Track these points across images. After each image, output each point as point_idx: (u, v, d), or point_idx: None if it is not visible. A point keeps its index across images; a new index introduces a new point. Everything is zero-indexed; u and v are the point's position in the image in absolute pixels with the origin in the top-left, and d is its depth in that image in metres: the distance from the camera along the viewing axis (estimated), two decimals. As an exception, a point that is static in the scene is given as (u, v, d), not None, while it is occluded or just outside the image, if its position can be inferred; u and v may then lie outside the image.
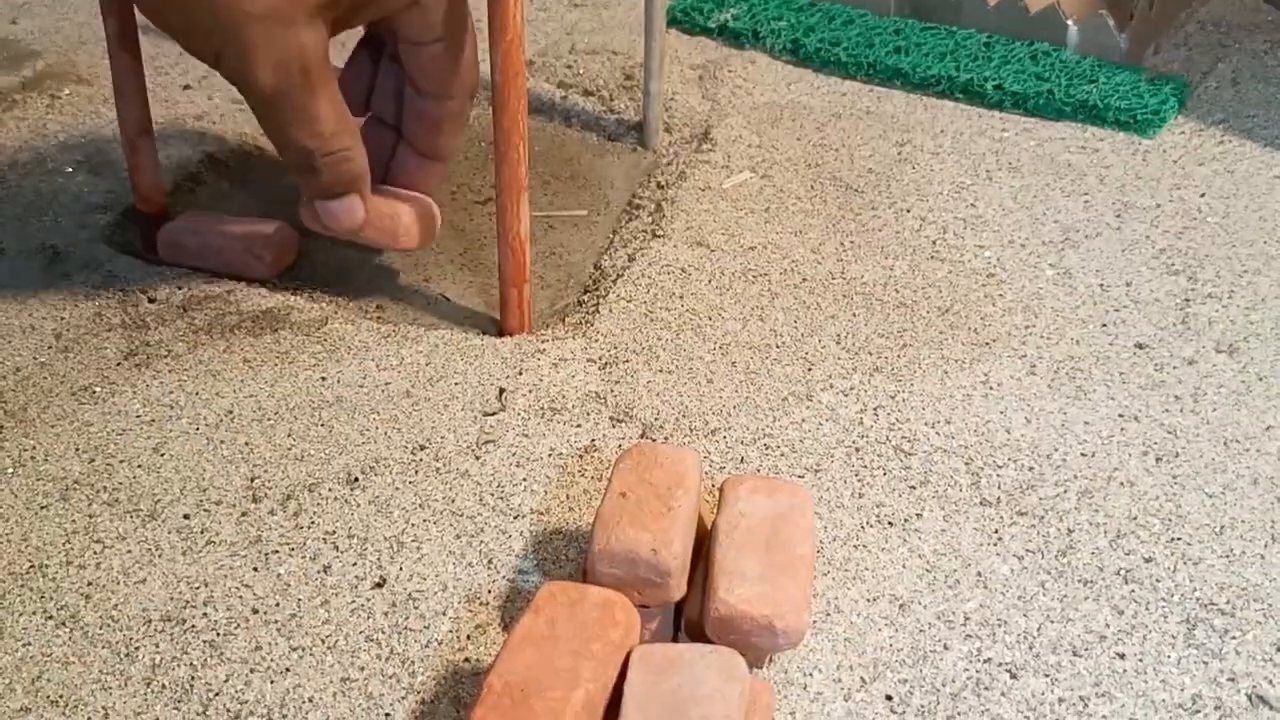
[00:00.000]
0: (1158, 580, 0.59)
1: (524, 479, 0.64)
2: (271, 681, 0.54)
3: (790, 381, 0.71)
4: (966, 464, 0.65)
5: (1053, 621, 0.57)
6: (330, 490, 0.64)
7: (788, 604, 0.52)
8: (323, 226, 0.72)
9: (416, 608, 0.58)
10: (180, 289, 0.78)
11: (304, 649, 0.56)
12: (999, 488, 0.64)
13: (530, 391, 0.70)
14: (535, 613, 0.51)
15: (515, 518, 0.62)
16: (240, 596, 0.58)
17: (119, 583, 0.59)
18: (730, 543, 0.55)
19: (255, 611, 0.57)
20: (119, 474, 0.65)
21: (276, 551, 0.60)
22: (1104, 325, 0.75)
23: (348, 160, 0.69)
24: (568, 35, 1.09)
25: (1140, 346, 0.73)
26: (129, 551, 0.60)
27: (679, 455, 0.58)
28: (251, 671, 0.55)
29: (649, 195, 0.88)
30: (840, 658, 0.55)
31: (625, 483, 0.56)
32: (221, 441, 0.67)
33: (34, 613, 0.57)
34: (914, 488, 0.64)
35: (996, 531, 0.61)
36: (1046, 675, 0.54)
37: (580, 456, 0.66)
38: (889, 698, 0.53)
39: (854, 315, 0.76)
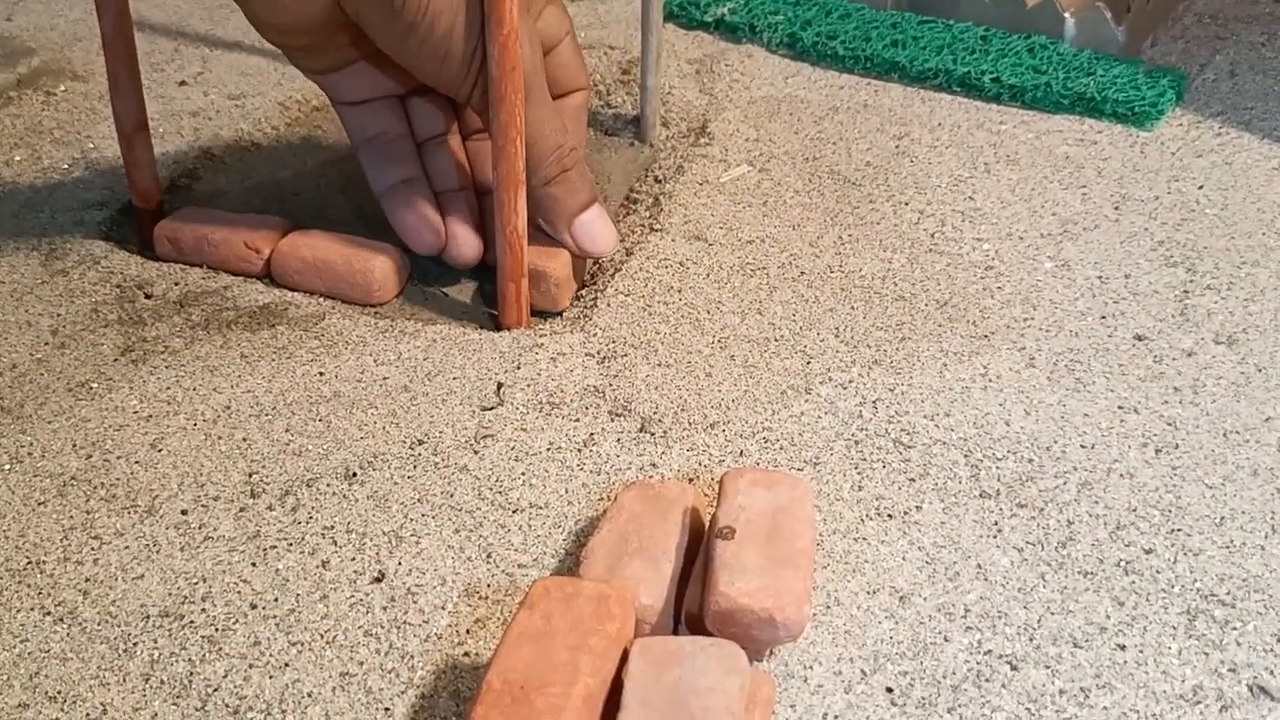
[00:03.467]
0: (1158, 571, 0.59)
1: (522, 473, 0.64)
2: (270, 677, 0.54)
3: (789, 374, 0.71)
4: (966, 456, 0.65)
5: (1053, 613, 0.57)
6: (328, 485, 0.63)
7: (788, 597, 0.52)
8: (585, 250, 0.76)
9: (415, 602, 0.57)
10: (177, 285, 0.78)
11: (303, 644, 0.55)
12: (999, 480, 0.64)
13: (528, 386, 0.70)
14: (530, 609, 0.51)
15: (514, 512, 0.62)
16: (239, 592, 0.58)
17: (117, 578, 0.59)
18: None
19: (254, 607, 0.57)
20: (116, 470, 0.64)
21: (275, 547, 0.60)
22: (1103, 317, 0.75)
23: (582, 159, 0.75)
24: (564, 30, 1.09)
25: (1139, 338, 0.73)
26: (127, 547, 0.60)
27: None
28: (250, 667, 0.54)
29: (646, 189, 0.88)
30: (841, 650, 0.55)
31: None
32: (219, 437, 0.66)
33: (31, 609, 0.57)
34: (913, 480, 0.64)
35: (996, 523, 0.61)
36: (1047, 667, 0.54)
37: (579, 450, 0.66)
38: (889, 690, 0.53)
39: (853, 308, 0.76)
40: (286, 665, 0.55)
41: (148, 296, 0.77)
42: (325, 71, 0.76)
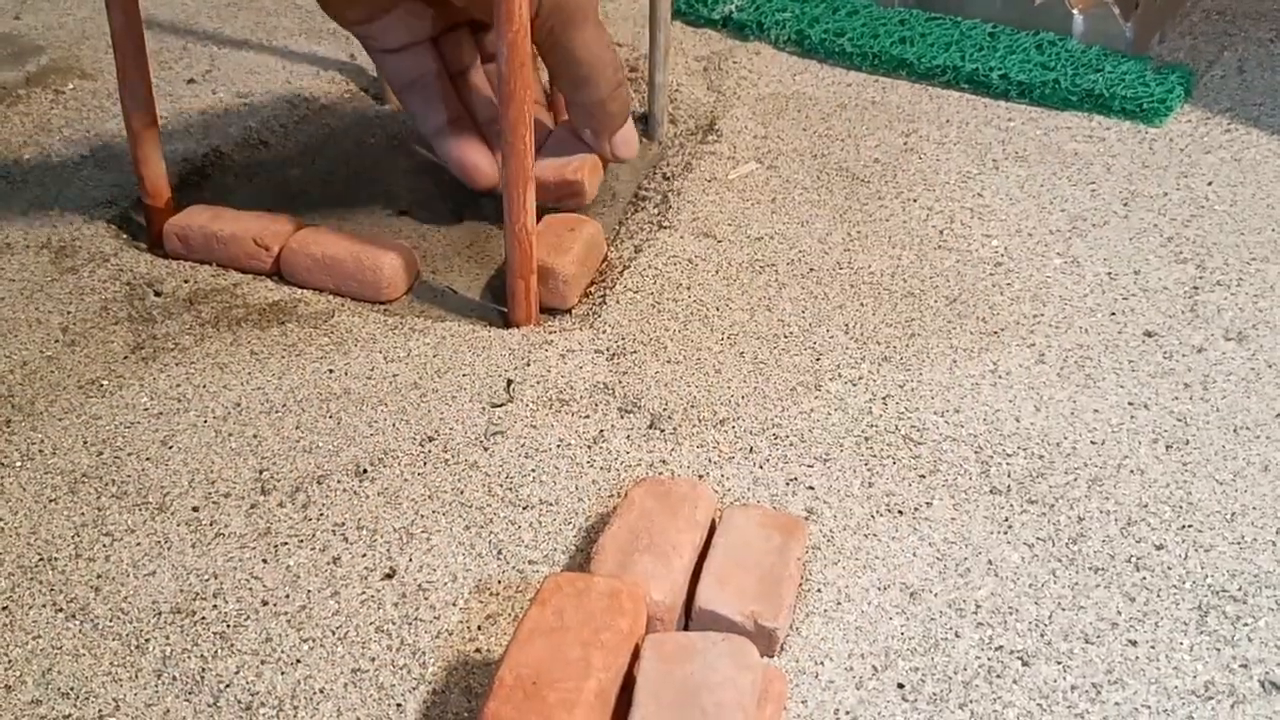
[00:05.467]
0: (1169, 567, 0.59)
1: (533, 470, 0.64)
2: (282, 673, 0.54)
3: (798, 371, 0.71)
4: (976, 452, 0.65)
5: (1064, 609, 0.57)
6: (339, 482, 0.64)
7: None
8: (620, 156, 0.82)
9: (426, 598, 0.57)
10: (186, 282, 0.78)
11: (314, 640, 0.56)
12: (1009, 476, 0.64)
13: (538, 383, 0.70)
14: (542, 604, 0.51)
15: (524, 508, 0.62)
16: (250, 588, 0.58)
17: (128, 575, 0.59)
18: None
19: (265, 603, 0.57)
20: (127, 467, 0.64)
21: (286, 543, 0.60)
22: (1112, 314, 0.75)
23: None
24: (572, 27, 1.09)
25: (1149, 334, 0.73)
26: (138, 544, 0.60)
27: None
28: (262, 663, 0.55)
29: (655, 187, 0.88)
30: (852, 646, 0.55)
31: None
32: (230, 434, 0.67)
33: (44, 605, 0.57)
34: (924, 476, 0.64)
35: (1007, 520, 0.61)
36: (1059, 663, 0.54)
37: (589, 447, 0.66)
38: (901, 686, 0.53)
39: (862, 305, 0.76)
40: (298, 661, 0.55)
41: (157, 294, 0.77)
42: (366, 21, 0.78)
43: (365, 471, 0.64)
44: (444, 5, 0.75)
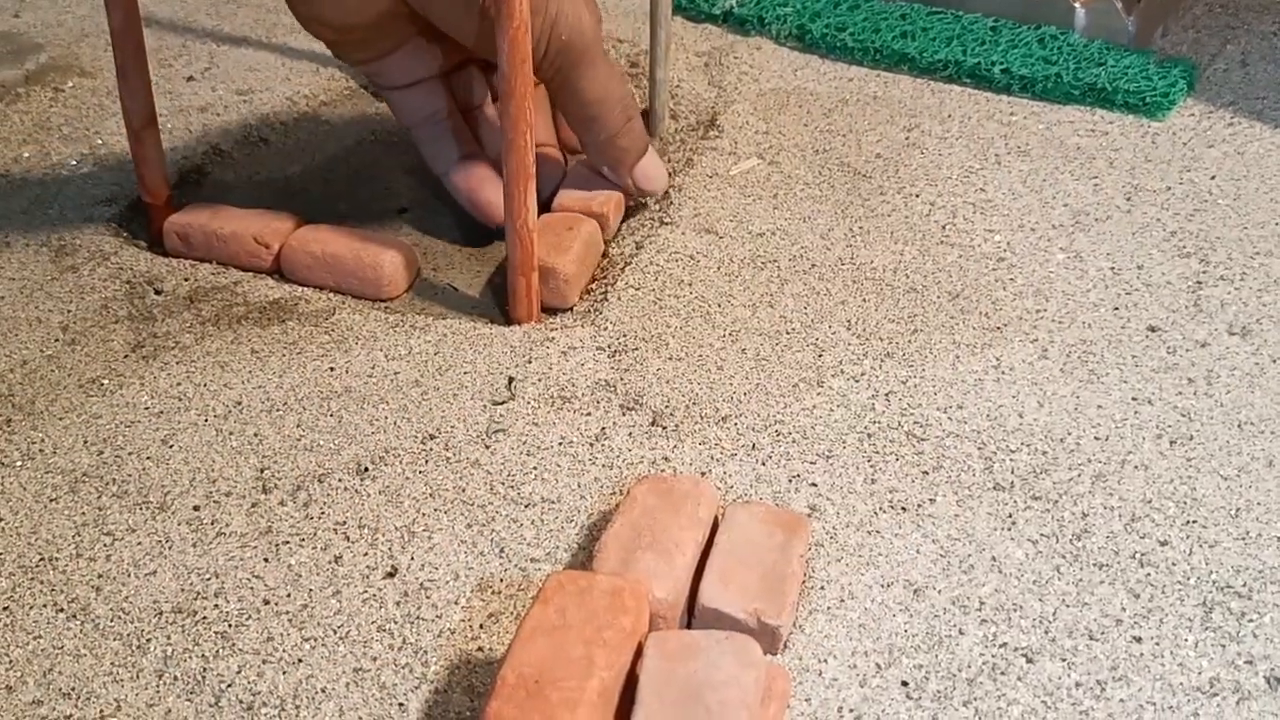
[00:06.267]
0: (1173, 563, 0.59)
1: (534, 467, 0.64)
2: (284, 672, 0.54)
3: (801, 368, 0.70)
4: (979, 449, 0.65)
5: (1068, 605, 0.57)
6: (340, 480, 0.63)
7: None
8: (645, 190, 0.81)
9: (429, 597, 0.57)
10: (187, 280, 0.78)
11: (316, 639, 0.55)
12: (1012, 472, 0.63)
13: (540, 380, 0.70)
14: (544, 603, 0.51)
15: (526, 506, 0.62)
16: (251, 588, 0.58)
17: (129, 575, 0.59)
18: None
19: (267, 602, 0.57)
20: (128, 466, 0.64)
21: (287, 542, 0.60)
22: (1116, 308, 0.75)
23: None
24: (572, 23, 1.08)
25: (1152, 329, 0.73)
26: (139, 543, 0.60)
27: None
28: (264, 663, 0.54)
29: (656, 183, 0.88)
30: (855, 643, 0.55)
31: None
32: (230, 433, 0.66)
33: (44, 605, 0.57)
34: (927, 473, 0.64)
35: (1010, 516, 0.61)
36: (1063, 659, 0.54)
37: (591, 445, 0.65)
38: (905, 683, 0.53)
39: (864, 301, 0.75)
40: (300, 661, 0.54)
41: (158, 292, 0.77)
42: (374, 60, 0.77)
43: (366, 470, 0.64)
44: (451, 43, 0.75)
